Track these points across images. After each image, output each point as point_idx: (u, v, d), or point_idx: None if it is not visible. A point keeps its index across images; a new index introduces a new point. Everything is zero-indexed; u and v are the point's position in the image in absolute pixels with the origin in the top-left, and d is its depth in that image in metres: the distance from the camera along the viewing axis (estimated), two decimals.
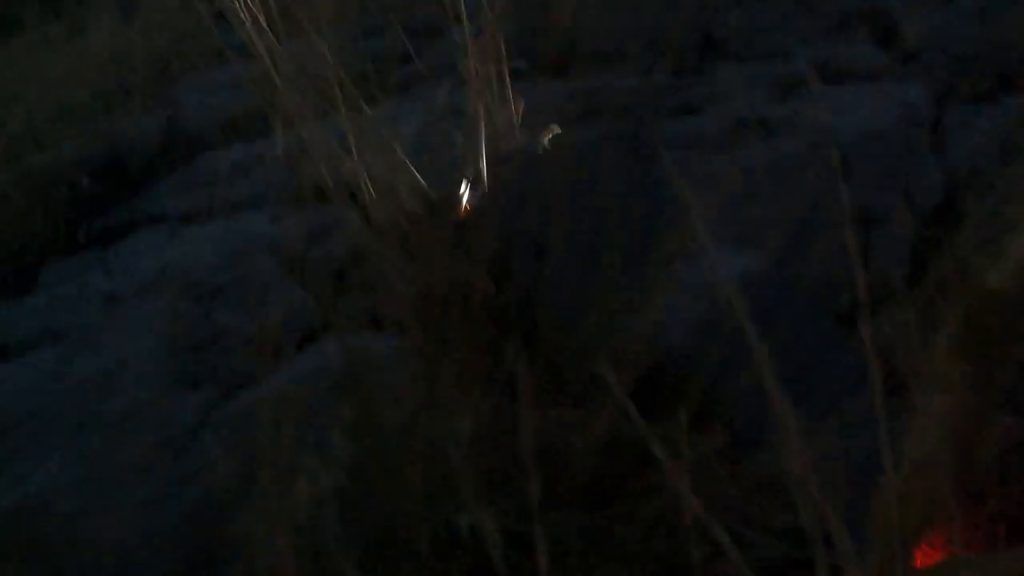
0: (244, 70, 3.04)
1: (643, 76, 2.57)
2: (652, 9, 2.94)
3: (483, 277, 1.53)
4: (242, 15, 2.81)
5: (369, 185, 1.92)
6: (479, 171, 1.92)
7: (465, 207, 1.88)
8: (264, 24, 2.21)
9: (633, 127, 2.36)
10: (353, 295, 1.71)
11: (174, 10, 3.19)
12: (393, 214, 1.85)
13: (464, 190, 1.85)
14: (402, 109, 2.56)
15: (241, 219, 2.07)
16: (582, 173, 1.47)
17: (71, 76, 2.85)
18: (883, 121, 2.56)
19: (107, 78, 2.84)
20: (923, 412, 0.85)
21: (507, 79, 2.29)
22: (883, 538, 0.81)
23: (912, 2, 2.98)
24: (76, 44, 3.18)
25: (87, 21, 3.32)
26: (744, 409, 1.24)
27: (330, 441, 1.14)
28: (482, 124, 1.94)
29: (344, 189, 1.95)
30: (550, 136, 2.06)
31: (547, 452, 1.08)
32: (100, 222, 2.32)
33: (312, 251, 1.92)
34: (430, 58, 2.97)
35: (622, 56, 2.81)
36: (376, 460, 1.16)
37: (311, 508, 1.04)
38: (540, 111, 2.24)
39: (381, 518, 1.14)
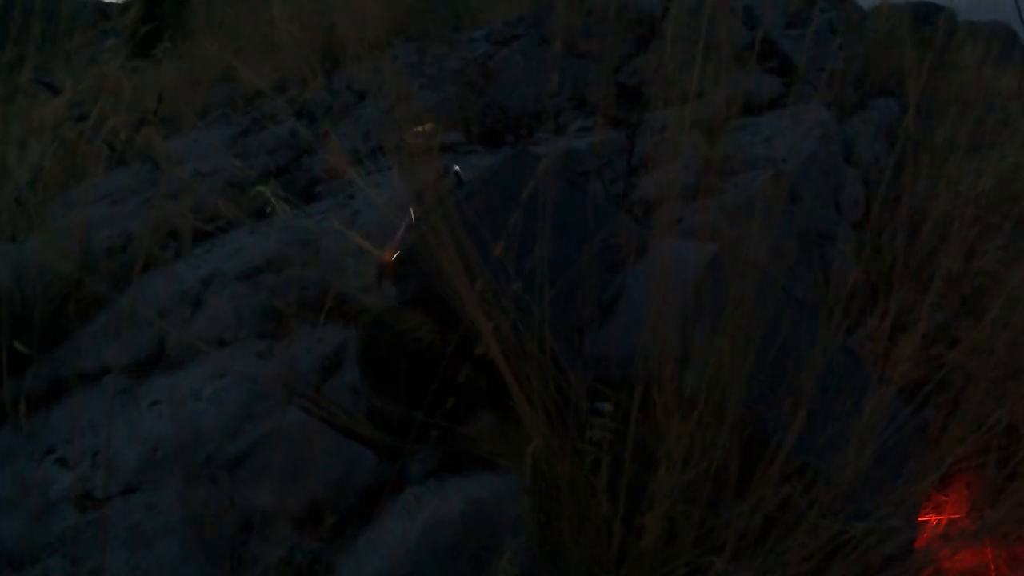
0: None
1: (584, 136, 2.62)
2: (572, 67, 3.02)
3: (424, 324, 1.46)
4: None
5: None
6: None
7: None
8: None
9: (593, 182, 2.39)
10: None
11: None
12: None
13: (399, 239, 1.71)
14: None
15: (219, 360, 1.81)
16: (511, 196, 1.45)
17: None
18: (810, 142, 2.81)
19: None
20: None
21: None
22: None
23: (790, 34, 3.31)
24: None
25: None
26: None
27: None
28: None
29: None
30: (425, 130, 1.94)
31: None
32: (15, 386, 1.93)
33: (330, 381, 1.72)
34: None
35: (551, 116, 2.86)
36: None
37: None
38: None
39: None
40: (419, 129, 1.79)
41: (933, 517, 1.67)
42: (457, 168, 1.66)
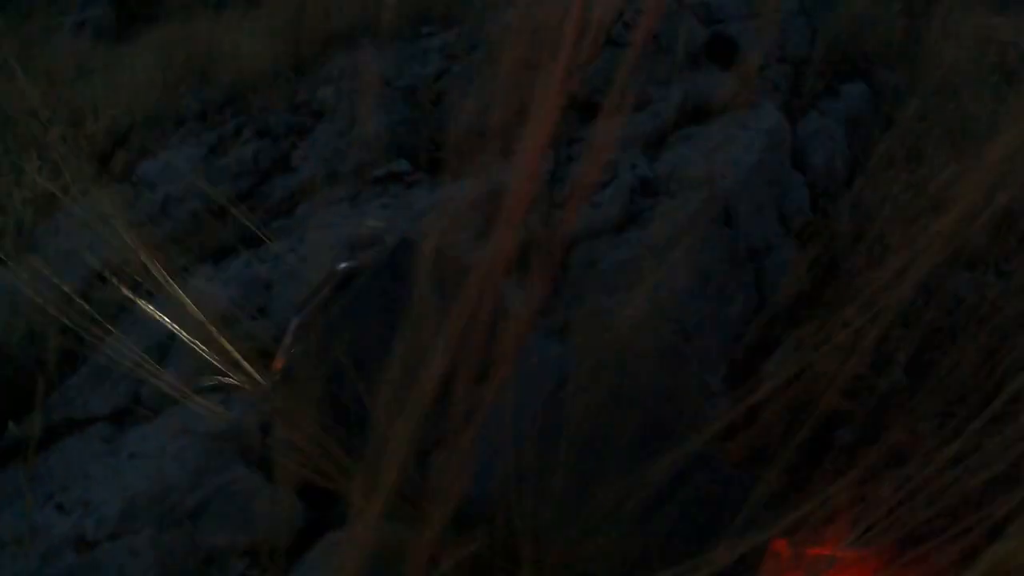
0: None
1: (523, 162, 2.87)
2: (518, 81, 3.24)
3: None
4: None
5: None
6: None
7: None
8: None
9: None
10: None
11: None
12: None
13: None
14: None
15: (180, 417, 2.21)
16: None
17: None
18: (753, 154, 3.02)
19: None
20: None
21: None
22: None
23: (751, 26, 3.45)
24: None
25: None
26: None
27: None
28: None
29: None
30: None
31: None
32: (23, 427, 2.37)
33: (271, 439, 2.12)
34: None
35: (499, 136, 3.10)
36: None
37: None
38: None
39: None
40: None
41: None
42: (344, 264, 1.92)
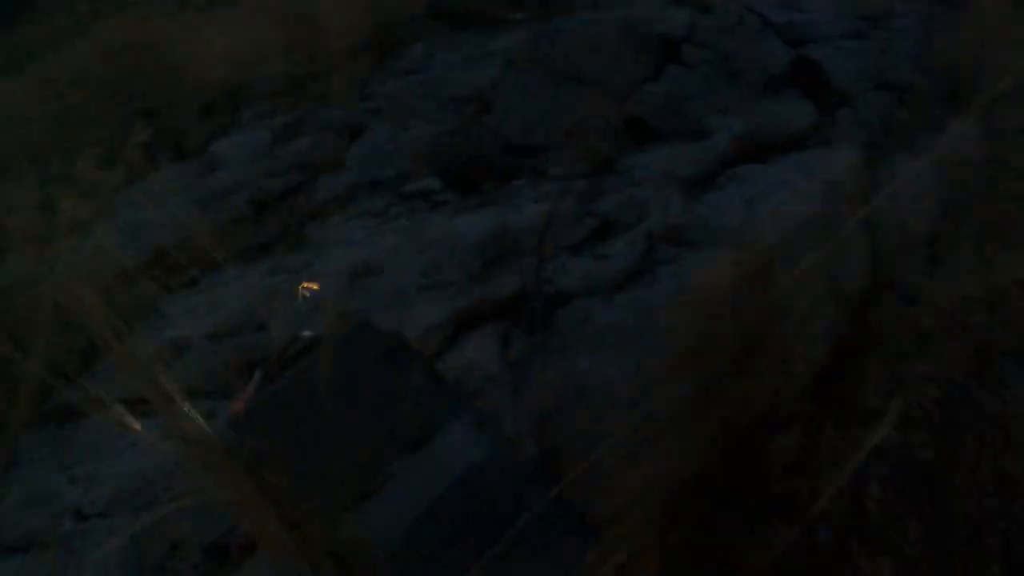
0: None
1: (555, 191, 2.81)
2: (573, 92, 3.14)
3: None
4: None
5: None
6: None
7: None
8: None
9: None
10: None
11: None
12: None
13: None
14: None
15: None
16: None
17: None
18: (808, 205, 2.77)
19: None
20: None
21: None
22: None
23: (846, 46, 3.11)
24: None
25: None
26: None
27: None
28: None
29: None
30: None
31: None
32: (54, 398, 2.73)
33: None
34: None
35: (540, 153, 3.05)
36: None
37: None
38: (442, 264, 2.54)
39: None
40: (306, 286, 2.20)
41: None
42: (307, 333, 2.04)
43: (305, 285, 2.18)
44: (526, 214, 2.67)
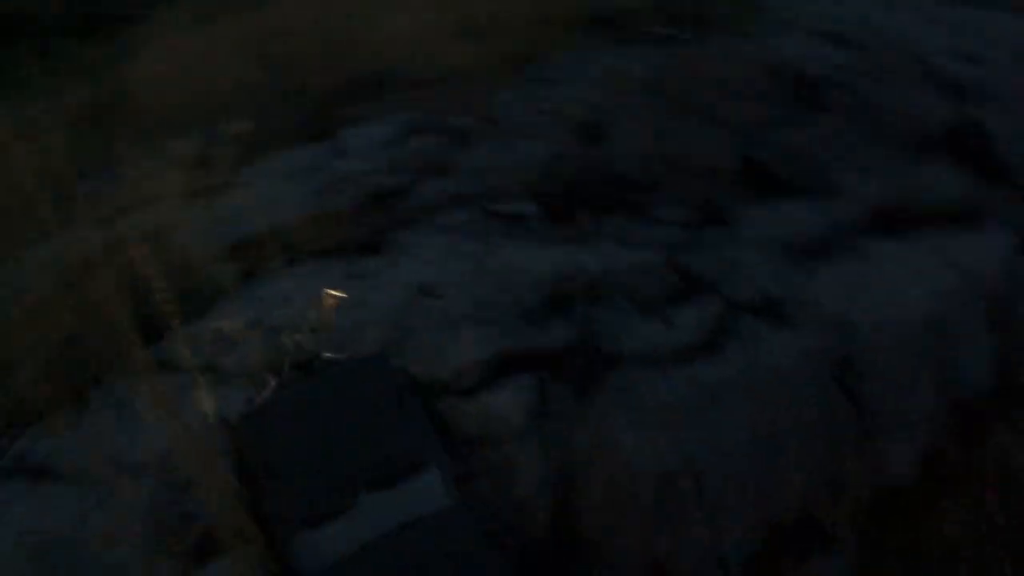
0: None
1: (648, 237, 2.67)
2: (696, 127, 2.95)
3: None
4: None
5: None
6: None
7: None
8: None
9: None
10: None
11: None
12: None
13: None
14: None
15: None
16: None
17: None
18: (927, 299, 2.45)
19: None
20: None
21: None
22: None
23: (1016, 106, 2.68)
24: None
25: None
26: None
27: None
28: None
29: None
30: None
31: None
32: None
33: None
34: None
35: (646, 191, 2.90)
36: None
37: None
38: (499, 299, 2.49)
39: None
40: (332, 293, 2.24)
41: None
42: (328, 355, 2.10)
43: (331, 292, 2.24)
44: (605, 258, 2.56)
